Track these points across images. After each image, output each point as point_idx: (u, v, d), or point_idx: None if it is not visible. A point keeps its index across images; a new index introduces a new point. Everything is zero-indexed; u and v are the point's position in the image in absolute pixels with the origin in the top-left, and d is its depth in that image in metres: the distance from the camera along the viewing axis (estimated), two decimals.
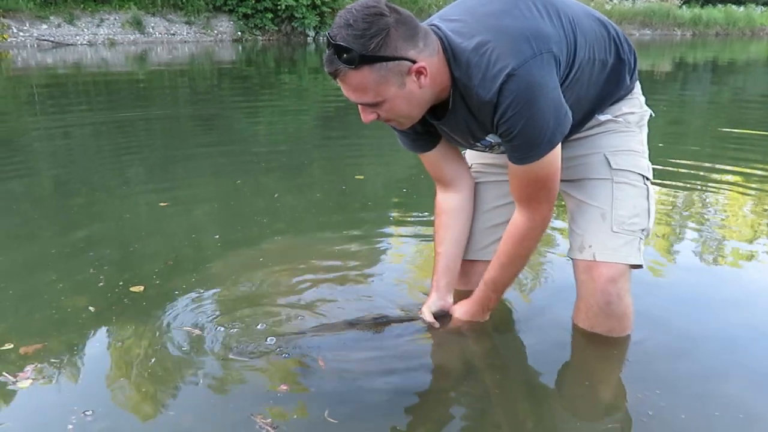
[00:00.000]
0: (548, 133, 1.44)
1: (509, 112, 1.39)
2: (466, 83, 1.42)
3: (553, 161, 1.50)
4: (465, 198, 1.83)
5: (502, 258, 1.69)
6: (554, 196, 1.59)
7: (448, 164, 1.78)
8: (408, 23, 1.35)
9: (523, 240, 1.65)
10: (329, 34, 1.34)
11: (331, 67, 1.35)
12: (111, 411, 1.50)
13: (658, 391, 1.61)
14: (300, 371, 1.65)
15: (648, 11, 22.51)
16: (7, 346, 1.77)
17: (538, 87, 1.37)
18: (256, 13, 15.17)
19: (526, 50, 1.36)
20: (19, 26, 12.58)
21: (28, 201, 3.25)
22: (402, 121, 1.51)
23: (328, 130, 5.58)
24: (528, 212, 1.60)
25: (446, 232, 1.84)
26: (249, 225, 2.91)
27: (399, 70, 1.35)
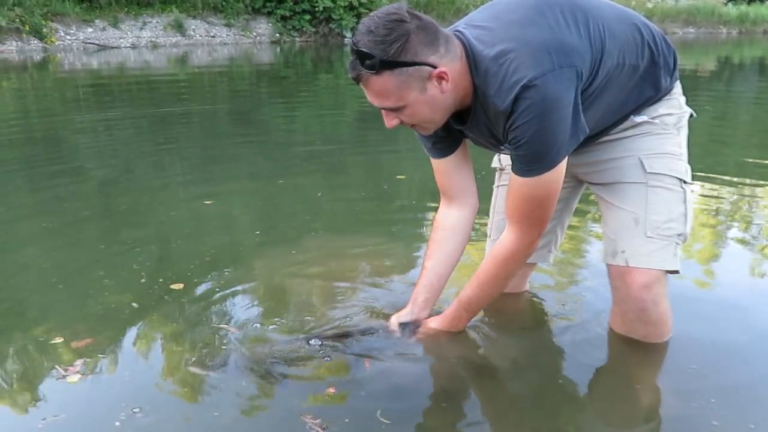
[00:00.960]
0: (556, 149, 1.43)
1: (520, 120, 1.39)
2: (484, 91, 1.43)
3: (554, 180, 1.49)
4: (465, 218, 1.80)
5: (481, 275, 1.68)
6: (546, 222, 1.58)
7: (458, 177, 1.76)
8: (429, 29, 1.37)
9: (507, 261, 1.63)
10: (353, 40, 1.37)
11: (353, 73, 1.39)
12: (158, 409, 1.53)
13: (696, 398, 1.59)
14: (346, 373, 1.66)
15: (692, 9, 21.93)
16: (57, 339, 1.85)
17: (553, 101, 1.37)
18: (294, 15, 15.32)
19: (545, 63, 1.36)
20: (66, 30, 12.98)
21: (76, 200, 3.36)
22: (426, 126, 1.52)
23: (366, 130, 5.62)
24: (517, 232, 1.59)
25: (438, 248, 1.81)
26: (291, 224, 2.96)
27: (419, 75, 1.37)
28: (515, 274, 1.71)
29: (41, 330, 1.91)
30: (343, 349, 1.76)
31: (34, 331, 1.92)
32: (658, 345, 1.74)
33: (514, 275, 1.71)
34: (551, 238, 1.97)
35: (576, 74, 1.39)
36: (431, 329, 1.81)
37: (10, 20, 11.86)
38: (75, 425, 1.49)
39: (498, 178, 2.00)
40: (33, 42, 12.27)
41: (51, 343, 1.83)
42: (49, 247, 2.65)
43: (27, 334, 1.90)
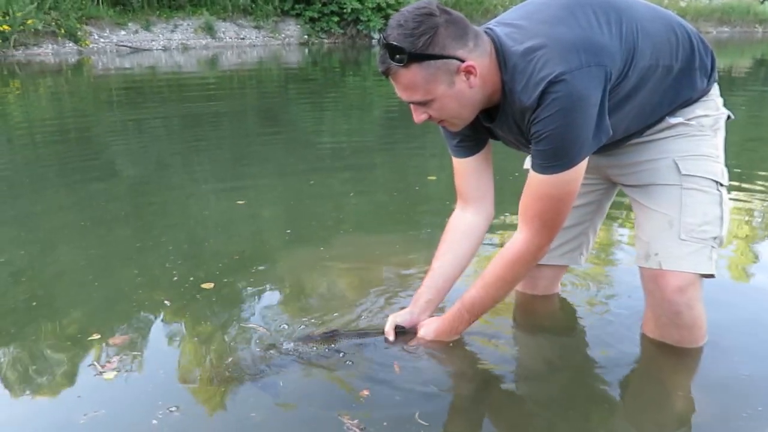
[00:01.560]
0: (577, 147, 1.41)
1: (543, 113, 1.38)
2: (512, 87, 1.42)
3: (572, 181, 1.47)
4: (479, 224, 1.78)
5: (486, 276, 1.65)
6: (559, 226, 1.55)
7: (477, 180, 1.75)
8: (458, 23, 1.37)
9: (515, 263, 1.60)
10: (383, 34, 1.38)
11: (383, 66, 1.40)
12: (193, 407, 1.56)
13: (731, 406, 1.56)
14: (376, 376, 1.66)
15: (726, 8, 21.47)
16: (94, 336, 1.89)
17: (579, 98, 1.35)
18: (323, 17, 15.40)
19: (573, 60, 1.35)
20: (99, 33, 13.24)
21: (110, 198, 3.43)
22: (454, 122, 1.52)
23: (394, 131, 5.63)
24: (528, 233, 1.56)
25: (448, 250, 1.79)
26: (322, 223, 2.98)
27: (447, 68, 1.37)
28: (522, 277, 1.68)
29: (78, 327, 1.96)
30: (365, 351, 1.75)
31: (71, 327, 1.97)
32: (692, 350, 1.71)
33: (521, 279, 1.68)
34: (583, 240, 1.96)
35: (604, 74, 1.38)
36: (427, 338, 1.78)
37: (46, 24, 12.14)
38: (114, 422, 1.52)
39: None
40: (68, 45, 12.54)
41: (88, 339, 1.88)
42: (85, 245, 2.71)
43: (64, 331, 1.95)
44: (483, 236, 1.81)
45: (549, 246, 1.59)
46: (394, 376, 1.66)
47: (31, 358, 1.81)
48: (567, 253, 1.97)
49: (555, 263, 1.99)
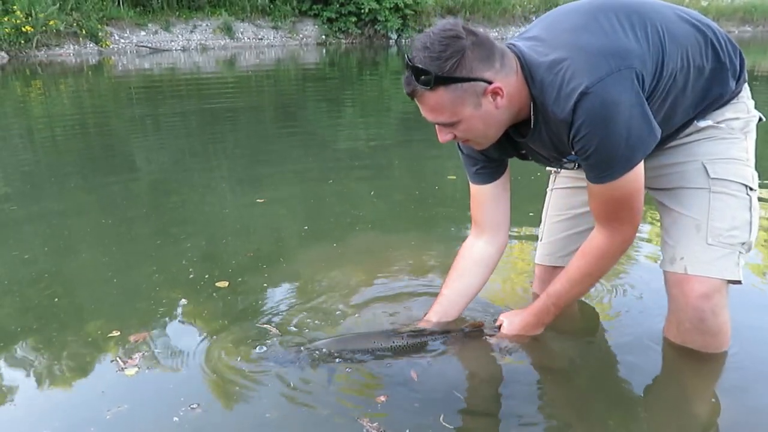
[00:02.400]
0: (626, 152, 1.40)
1: (583, 130, 1.37)
2: (543, 101, 1.41)
3: (633, 180, 1.45)
4: (491, 253, 1.78)
5: (573, 273, 1.64)
6: (638, 218, 1.53)
7: (493, 209, 1.74)
8: (484, 45, 1.36)
9: (599, 259, 1.59)
10: (408, 56, 1.37)
11: (408, 88, 1.39)
12: (213, 405, 1.57)
13: (754, 413, 1.54)
14: (393, 382, 1.64)
15: (748, 7, 21.15)
16: (114, 333, 1.91)
17: (614, 105, 1.34)
18: (340, 17, 15.44)
19: (602, 67, 1.34)
20: (120, 33, 13.40)
21: (131, 197, 3.47)
22: (479, 141, 1.51)
23: (412, 131, 5.62)
24: (607, 231, 1.55)
25: (458, 277, 1.79)
26: (341, 223, 2.99)
27: (474, 90, 1.36)
28: (608, 271, 1.66)
29: (99, 323, 1.98)
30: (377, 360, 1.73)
31: (92, 324, 1.99)
32: (715, 355, 1.68)
33: (607, 271, 1.66)
34: None
35: (635, 75, 1.36)
36: (511, 333, 1.77)
37: (68, 25, 12.32)
38: (139, 417, 1.53)
39: (552, 181, 1.98)
40: (89, 45, 12.70)
41: (108, 336, 1.90)
42: (106, 243, 2.74)
43: (86, 327, 1.97)
44: (494, 266, 1.82)
45: (634, 236, 1.58)
46: (413, 382, 1.64)
47: (53, 354, 1.83)
48: None
49: None
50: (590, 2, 1.51)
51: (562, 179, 1.94)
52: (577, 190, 1.89)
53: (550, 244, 1.97)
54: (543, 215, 1.99)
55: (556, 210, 1.95)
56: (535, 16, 17.26)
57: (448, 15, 16.63)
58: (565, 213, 1.92)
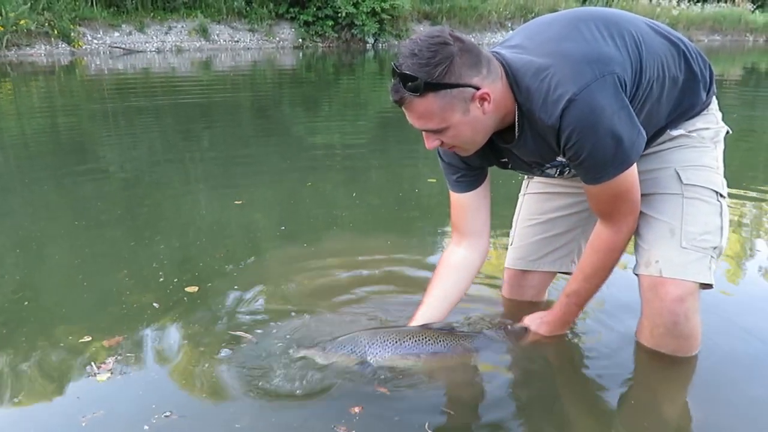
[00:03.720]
0: (619, 153, 1.43)
1: (574, 137, 1.40)
2: (529, 108, 1.43)
3: (629, 175, 1.49)
4: (473, 260, 1.79)
5: (586, 269, 1.67)
6: (637, 208, 1.58)
7: (474, 217, 1.76)
8: (471, 51, 1.37)
9: (610, 252, 1.63)
10: (394, 63, 1.37)
11: (396, 95, 1.38)
12: (182, 411, 1.54)
13: (724, 415, 1.57)
14: (365, 392, 1.62)
15: (718, 16, 21.62)
16: (85, 338, 1.88)
17: (601, 110, 1.37)
18: (317, 21, 15.39)
19: (587, 74, 1.37)
20: (93, 34, 13.17)
21: (103, 199, 3.40)
22: (466, 147, 1.52)
23: (389, 134, 5.63)
24: (612, 225, 1.59)
25: (439, 284, 1.80)
26: (320, 225, 2.98)
27: (463, 96, 1.37)
28: (618, 261, 1.68)
29: (69, 328, 1.95)
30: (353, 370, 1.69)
31: (62, 328, 1.95)
32: (686, 359, 1.71)
33: (617, 263, 1.68)
34: (574, 247, 1.96)
35: (618, 80, 1.39)
36: (535, 337, 1.80)
37: (39, 24, 12.08)
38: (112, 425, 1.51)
39: (525, 186, 2.00)
40: (61, 46, 12.48)
41: (80, 341, 1.86)
42: (78, 245, 2.69)
43: (56, 332, 1.93)
44: (476, 272, 1.82)
45: (636, 223, 1.62)
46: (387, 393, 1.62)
47: (24, 359, 1.79)
48: (558, 260, 1.97)
49: (546, 269, 2.00)
50: (569, 13, 1.55)
51: (534, 184, 1.96)
52: (549, 196, 1.91)
53: (521, 248, 1.98)
54: (514, 220, 2.01)
55: (528, 215, 1.97)
56: (511, 23, 17.48)
57: (425, 20, 16.70)
58: (537, 218, 1.94)
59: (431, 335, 1.72)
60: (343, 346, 1.69)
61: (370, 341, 1.69)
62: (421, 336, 1.71)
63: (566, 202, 1.88)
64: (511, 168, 1.70)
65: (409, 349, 1.69)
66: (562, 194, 1.88)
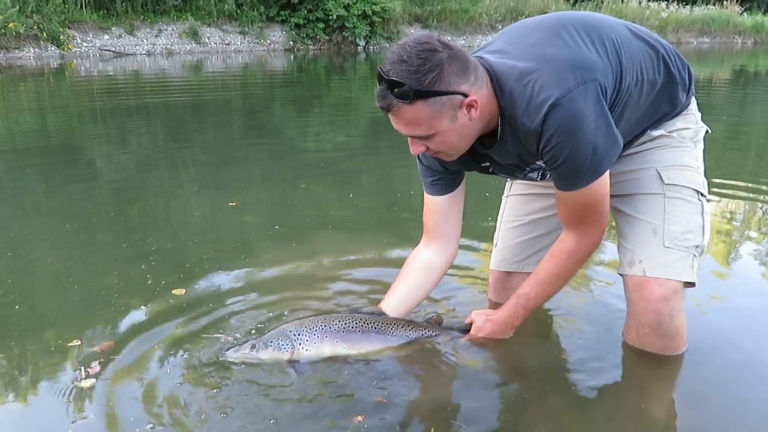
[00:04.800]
0: (594, 162, 1.44)
1: (553, 140, 1.40)
2: (512, 112, 1.44)
3: (601, 187, 1.50)
4: (439, 263, 1.79)
5: (541, 274, 1.67)
6: (605, 221, 1.58)
7: (445, 221, 1.76)
8: (460, 58, 1.37)
9: (568, 260, 1.62)
10: (382, 69, 1.36)
11: (383, 102, 1.38)
12: (176, 423, 1.52)
13: (710, 414, 1.58)
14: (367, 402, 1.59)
15: (707, 18, 21.80)
16: (74, 342, 1.87)
17: (582, 116, 1.38)
18: (308, 23, 15.40)
19: (569, 80, 1.38)
20: (83, 37, 13.12)
21: (94, 203, 3.39)
22: (450, 153, 1.52)
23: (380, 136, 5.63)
24: (576, 235, 1.59)
25: (402, 282, 1.80)
26: (311, 227, 2.97)
27: (452, 104, 1.38)
28: (575, 272, 1.69)
29: (58, 332, 1.94)
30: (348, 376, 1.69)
31: (51, 332, 1.95)
32: (672, 358, 1.73)
33: (574, 274, 1.69)
34: None
35: (599, 87, 1.40)
36: (482, 333, 1.76)
37: (28, 27, 12.02)
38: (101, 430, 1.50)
39: (508, 188, 2.01)
40: (50, 49, 12.42)
41: (68, 345, 1.86)
42: (68, 248, 2.68)
43: (45, 336, 1.93)
44: (441, 275, 1.82)
45: (602, 239, 1.61)
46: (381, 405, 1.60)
47: (13, 363, 1.78)
48: None
49: (530, 270, 1.98)
50: (549, 18, 1.55)
51: (517, 186, 1.97)
52: (532, 197, 1.92)
53: (505, 249, 1.99)
54: (498, 222, 2.02)
55: (512, 216, 1.98)
56: (501, 25, 17.52)
57: (415, 23, 16.74)
58: (521, 219, 1.95)
59: (360, 319, 1.72)
60: (271, 341, 1.67)
61: (297, 331, 1.68)
62: (349, 320, 1.71)
63: (549, 203, 1.89)
64: (493, 172, 1.71)
65: (338, 333, 1.68)
66: (544, 195, 1.89)
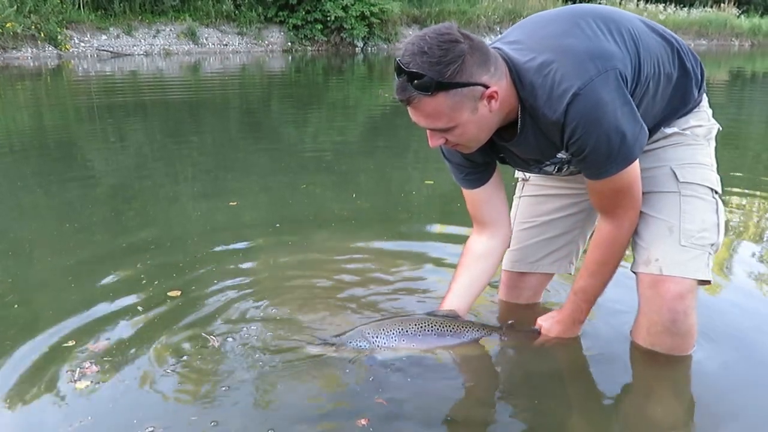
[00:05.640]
0: (623, 149, 1.42)
1: (578, 132, 1.39)
2: (533, 103, 1.42)
3: (632, 171, 1.49)
4: (495, 246, 1.80)
5: (590, 266, 1.66)
6: (639, 202, 1.57)
7: (489, 208, 1.77)
8: (480, 49, 1.35)
9: (612, 246, 1.62)
10: (401, 61, 1.33)
11: (404, 95, 1.35)
12: (172, 425, 1.49)
13: (719, 414, 1.56)
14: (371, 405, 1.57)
15: (704, 21, 21.88)
16: (69, 343, 1.84)
17: (604, 105, 1.36)
18: (306, 24, 15.40)
19: (590, 69, 1.36)
20: (80, 37, 13.09)
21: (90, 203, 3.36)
22: (470, 145, 1.51)
23: (378, 137, 5.62)
24: (614, 220, 1.58)
25: (464, 271, 1.81)
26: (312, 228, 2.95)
27: (473, 95, 1.36)
28: (623, 255, 1.68)
29: (54, 332, 1.91)
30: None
31: (48, 333, 1.91)
32: (682, 358, 1.70)
33: (622, 257, 1.67)
34: (572, 248, 1.95)
35: (620, 76, 1.39)
36: (547, 337, 1.79)
37: (26, 27, 11.99)
38: None
39: (520, 189, 1.99)
40: (48, 49, 12.39)
41: (64, 346, 1.82)
42: (67, 248, 2.65)
43: (41, 336, 1.89)
44: (500, 258, 1.85)
45: (638, 218, 1.61)
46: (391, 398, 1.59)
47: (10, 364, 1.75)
48: (556, 262, 1.96)
49: (544, 271, 1.98)
50: (567, 10, 1.53)
51: (530, 187, 1.95)
52: (545, 198, 1.90)
53: (518, 251, 1.98)
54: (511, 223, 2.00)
55: (525, 217, 1.96)
56: (500, 27, 17.54)
57: (413, 24, 16.75)
58: (534, 220, 1.93)
59: (436, 323, 1.77)
60: (350, 341, 1.74)
61: (375, 333, 1.75)
62: (425, 323, 1.76)
63: (563, 204, 1.87)
64: (507, 163, 1.70)
65: (414, 337, 1.75)
66: (558, 196, 1.88)
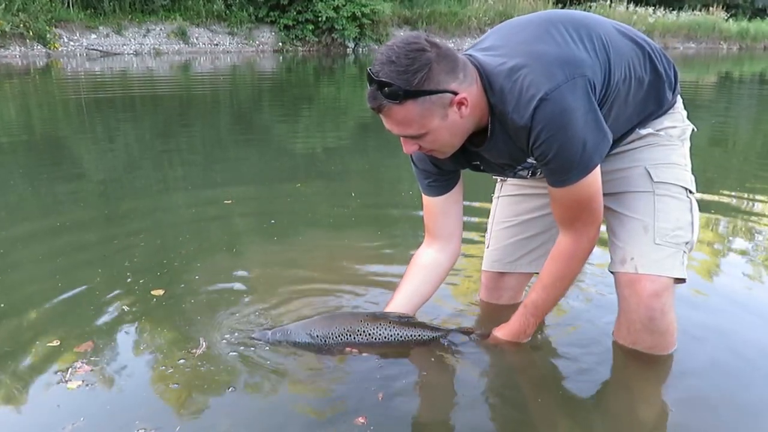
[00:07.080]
0: (584, 157, 1.44)
1: (542, 136, 1.41)
2: (502, 109, 1.44)
3: (593, 183, 1.50)
4: (442, 261, 1.81)
5: (546, 280, 1.67)
6: (599, 218, 1.58)
7: (445, 221, 1.77)
8: (448, 56, 1.37)
9: (569, 261, 1.62)
10: (371, 70, 1.36)
11: (374, 103, 1.38)
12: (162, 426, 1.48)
13: (701, 413, 1.57)
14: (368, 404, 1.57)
15: (693, 24, 22.06)
16: (54, 342, 1.83)
17: (571, 111, 1.38)
18: (298, 24, 15.40)
19: (558, 75, 1.38)
20: (69, 36, 13.03)
21: (79, 202, 3.35)
22: (444, 151, 1.52)
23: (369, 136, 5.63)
24: (573, 234, 1.59)
25: (408, 282, 1.82)
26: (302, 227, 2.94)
27: (442, 102, 1.38)
28: (579, 272, 1.69)
29: (39, 332, 1.90)
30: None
31: (32, 332, 1.90)
32: (663, 357, 1.72)
33: (578, 274, 1.69)
34: (550, 248, 1.92)
35: (588, 83, 1.41)
36: (497, 340, 1.80)
37: (14, 26, 11.92)
38: None
39: (498, 189, 2.00)
40: (36, 47, 12.32)
41: (48, 345, 1.82)
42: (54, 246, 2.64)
43: (26, 336, 1.88)
44: (446, 274, 1.84)
45: (598, 235, 1.61)
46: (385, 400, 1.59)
47: None
48: (534, 261, 1.97)
49: (523, 271, 2.00)
50: (540, 16, 1.56)
51: (508, 187, 1.97)
52: (523, 197, 1.92)
53: (497, 250, 1.99)
54: (489, 223, 2.02)
55: (503, 217, 1.97)
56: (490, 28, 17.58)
57: (405, 25, 16.78)
58: (512, 220, 1.95)
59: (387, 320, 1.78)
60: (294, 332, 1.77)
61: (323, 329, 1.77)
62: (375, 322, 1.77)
63: (540, 203, 1.88)
64: (483, 170, 1.71)
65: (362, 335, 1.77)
66: (535, 195, 1.89)
